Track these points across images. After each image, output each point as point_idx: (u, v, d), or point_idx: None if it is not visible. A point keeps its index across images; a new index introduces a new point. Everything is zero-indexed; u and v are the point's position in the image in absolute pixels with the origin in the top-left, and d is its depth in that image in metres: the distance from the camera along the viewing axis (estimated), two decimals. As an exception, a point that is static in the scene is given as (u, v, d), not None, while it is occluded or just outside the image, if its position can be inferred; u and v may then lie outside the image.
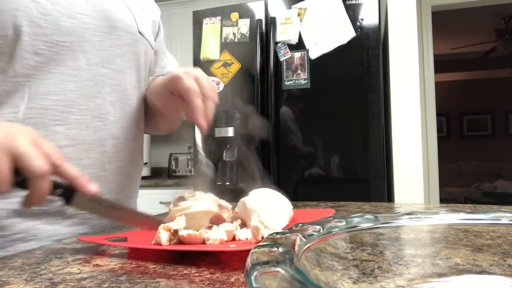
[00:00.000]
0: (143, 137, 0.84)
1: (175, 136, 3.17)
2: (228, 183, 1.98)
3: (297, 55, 1.99)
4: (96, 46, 0.68)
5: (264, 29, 2.05)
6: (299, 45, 1.99)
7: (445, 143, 5.90)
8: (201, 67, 2.31)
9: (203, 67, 2.12)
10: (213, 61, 2.12)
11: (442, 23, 4.29)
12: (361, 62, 1.90)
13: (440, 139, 3.11)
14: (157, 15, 0.89)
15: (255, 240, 0.47)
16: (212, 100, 0.64)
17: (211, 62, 2.13)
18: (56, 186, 0.49)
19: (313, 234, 0.28)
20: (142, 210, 0.58)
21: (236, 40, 2.09)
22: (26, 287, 0.37)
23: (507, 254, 0.31)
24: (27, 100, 0.60)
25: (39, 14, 0.60)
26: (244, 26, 2.08)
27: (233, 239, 0.50)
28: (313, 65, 1.97)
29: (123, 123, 0.73)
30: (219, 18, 2.13)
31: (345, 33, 1.92)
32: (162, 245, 0.47)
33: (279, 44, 2.02)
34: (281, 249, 0.22)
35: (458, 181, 5.93)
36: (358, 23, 1.91)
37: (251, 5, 2.09)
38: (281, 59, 2.02)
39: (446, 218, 0.33)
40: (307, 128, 1.98)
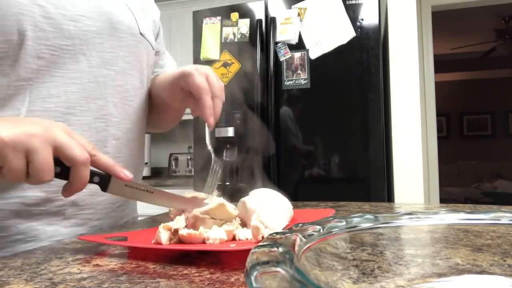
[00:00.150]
0: (145, 138, 0.84)
1: (175, 136, 3.17)
2: (228, 183, 1.98)
3: (297, 55, 1.99)
4: (98, 48, 0.68)
5: (264, 29, 2.05)
6: (299, 45, 1.99)
7: (445, 143, 5.90)
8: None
9: (203, 67, 2.12)
10: (213, 61, 2.12)
11: (442, 23, 4.29)
12: (361, 62, 1.90)
13: (440, 139, 3.11)
14: (157, 15, 0.89)
15: (255, 240, 0.47)
16: (220, 98, 0.67)
17: (211, 62, 2.12)
18: (92, 174, 0.51)
19: (313, 234, 0.28)
20: (174, 193, 0.60)
21: (236, 40, 2.09)
22: (26, 287, 0.37)
23: (507, 254, 0.31)
24: (28, 103, 0.60)
25: (43, 18, 0.60)
26: (244, 26, 2.08)
27: (233, 238, 0.50)
28: (313, 65, 1.97)
29: (126, 124, 0.73)
30: (219, 18, 2.13)
31: (345, 33, 1.92)
32: (162, 244, 0.47)
33: (279, 44, 2.02)
34: (281, 249, 0.22)
35: (458, 181, 5.93)
36: (358, 23, 1.91)
37: (251, 5, 2.09)
38: (281, 59, 2.02)
39: (446, 218, 0.33)
40: (307, 128, 1.98)
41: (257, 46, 2.01)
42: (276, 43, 2.02)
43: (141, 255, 0.47)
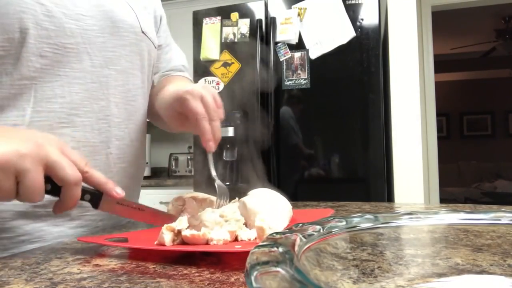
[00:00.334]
0: (146, 138, 0.84)
1: (175, 136, 3.17)
2: (228, 183, 1.98)
3: (297, 55, 1.99)
4: (100, 47, 0.68)
5: (264, 29, 2.05)
6: (299, 45, 1.99)
7: (445, 143, 5.90)
8: (201, 67, 2.31)
9: (203, 67, 2.12)
10: (213, 61, 2.12)
11: (442, 23, 4.29)
12: (361, 62, 1.90)
13: (440, 139, 3.11)
14: (158, 8, 0.89)
15: (260, 240, 0.47)
16: (218, 119, 0.64)
17: (211, 62, 2.12)
18: (84, 191, 0.50)
19: (313, 234, 0.28)
20: (163, 211, 0.60)
21: (236, 40, 2.09)
22: (26, 287, 0.37)
23: (507, 254, 0.31)
24: (33, 103, 0.60)
25: (44, 17, 0.60)
26: (244, 26, 2.08)
27: (235, 239, 0.50)
28: (313, 65, 1.97)
29: (128, 124, 0.73)
30: (219, 18, 2.13)
31: (345, 33, 1.92)
32: (165, 245, 0.47)
33: (279, 44, 2.02)
34: (281, 249, 0.22)
35: (458, 181, 5.93)
36: (358, 23, 1.91)
37: (251, 5, 2.09)
38: (281, 59, 2.02)
39: (446, 218, 0.33)
40: (307, 128, 1.98)
41: (257, 46, 2.01)
42: (276, 43, 2.02)
43: (142, 255, 0.47)
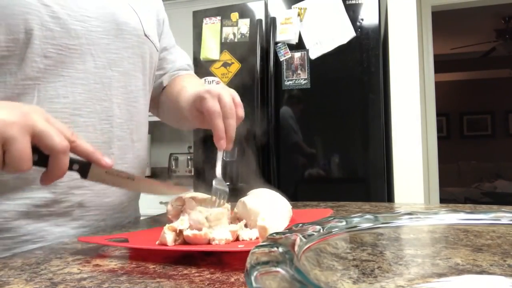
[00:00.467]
0: (147, 139, 0.84)
1: (175, 136, 3.17)
2: (228, 183, 1.97)
3: (297, 55, 1.99)
4: (104, 49, 0.68)
5: (264, 29, 2.05)
6: (299, 45, 1.99)
7: (445, 143, 5.90)
8: (201, 67, 2.31)
9: (203, 67, 2.12)
10: (213, 61, 2.12)
11: (442, 23, 4.28)
12: (361, 62, 1.90)
13: (440, 139, 3.11)
14: (161, 12, 0.89)
15: (262, 240, 0.47)
16: (233, 117, 0.64)
17: (211, 62, 2.12)
18: (72, 161, 0.50)
19: (313, 234, 0.28)
20: (155, 179, 0.59)
21: (236, 40, 2.09)
22: (26, 287, 0.37)
23: (507, 254, 0.31)
24: (36, 103, 0.61)
25: (50, 18, 0.61)
26: (244, 26, 2.08)
27: (237, 239, 0.50)
28: (313, 65, 1.97)
29: (129, 124, 0.73)
30: (219, 18, 2.13)
31: (345, 33, 1.92)
32: (167, 245, 0.47)
33: (279, 44, 2.02)
34: (281, 249, 0.22)
35: (458, 181, 5.93)
36: (358, 23, 1.91)
37: (251, 5, 2.09)
38: (281, 59, 2.02)
39: (446, 218, 0.33)
40: (307, 128, 1.98)
41: (257, 46, 2.01)
42: (276, 43, 2.02)
43: (142, 255, 0.47)
